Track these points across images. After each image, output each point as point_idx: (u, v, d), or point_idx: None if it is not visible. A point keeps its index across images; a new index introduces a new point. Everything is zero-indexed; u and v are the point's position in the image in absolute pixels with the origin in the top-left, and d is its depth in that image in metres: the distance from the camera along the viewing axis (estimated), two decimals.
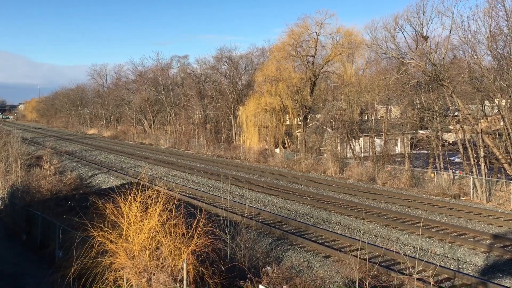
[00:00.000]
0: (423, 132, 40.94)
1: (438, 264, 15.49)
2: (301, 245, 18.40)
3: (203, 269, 11.50)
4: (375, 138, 41.91)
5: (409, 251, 17.73)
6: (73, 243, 13.67)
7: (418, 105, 37.74)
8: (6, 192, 28.35)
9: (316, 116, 49.91)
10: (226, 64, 60.33)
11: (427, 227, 20.67)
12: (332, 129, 44.20)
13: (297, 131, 50.06)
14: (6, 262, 18.79)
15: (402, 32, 35.29)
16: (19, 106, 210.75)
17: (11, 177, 29.72)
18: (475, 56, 28.72)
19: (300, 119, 49.68)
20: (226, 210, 19.90)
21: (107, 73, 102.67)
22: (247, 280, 12.64)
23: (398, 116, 42.52)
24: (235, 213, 22.70)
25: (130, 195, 12.29)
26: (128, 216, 11.98)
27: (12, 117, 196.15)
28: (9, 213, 24.67)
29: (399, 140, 44.25)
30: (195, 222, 12.12)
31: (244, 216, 20.54)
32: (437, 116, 34.46)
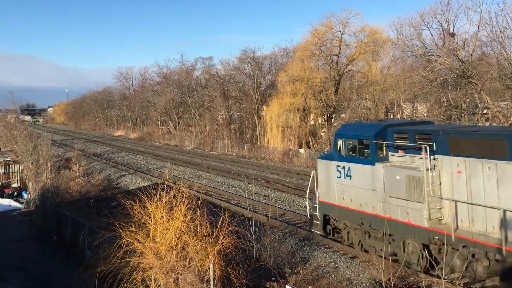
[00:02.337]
0: None
1: None
2: (327, 246, 18.29)
3: (229, 269, 11.56)
4: None
5: None
6: (101, 243, 13.93)
7: (445, 103, 37.05)
8: (37, 194, 29.06)
9: (341, 115, 49.54)
10: (250, 65, 60.46)
11: None
12: None
13: (322, 130, 49.77)
14: (37, 262, 19.27)
15: (429, 29, 34.72)
16: (48, 109, 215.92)
17: (42, 179, 30.40)
18: (504, 53, 28.06)
19: (324, 119, 49.37)
20: (251, 211, 19.91)
21: (133, 75, 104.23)
22: (273, 281, 12.64)
23: (425, 114, 41.81)
24: (260, 213, 22.72)
25: (156, 195, 12.45)
26: (155, 217, 12.14)
27: (41, 120, 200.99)
28: (40, 214, 25.27)
29: None
30: (220, 222, 12.19)
31: (269, 216, 20.54)
32: (465, 114, 33.76)
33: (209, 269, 11.20)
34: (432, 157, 13.57)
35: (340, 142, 16.82)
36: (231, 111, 62.35)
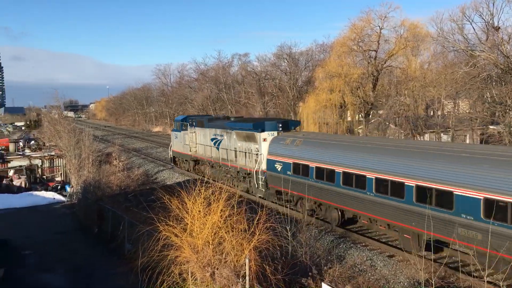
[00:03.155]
0: (494, 127, 38.77)
1: None
2: (363, 244, 18.09)
3: (265, 265, 11.60)
4: (442, 134, 40.25)
5: None
6: (140, 237, 14.26)
7: (488, 99, 35.82)
8: (79, 187, 29.99)
9: (379, 112, 48.70)
10: (286, 61, 60.24)
11: None
12: (396, 125, 42.95)
13: (359, 127, 49.10)
14: (80, 254, 19.91)
15: (471, 23, 33.73)
16: (90, 106, 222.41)
17: (84, 173, 31.32)
18: None
19: (361, 115, 48.68)
20: (287, 207, 19.88)
21: (171, 72, 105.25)
22: (309, 277, 12.60)
23: (467, 111, 40.55)
24: (296, 210, 22.65)
25: (193, 191, 12.62)
26: (192, 211, 12.32)
27: (84, 116, 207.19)
28: (82, 207, 26.06)
29: (467, 136, 42.22)
30: (257, 218, 12.25)
31: (305, 213, 20.44)
32: (510, 110, 32.54)
33: (245, 265, 11.28)
34: (195, 128, 34.60)
35: (175, 123, 40.53)
36: (267, 107, 62.36)
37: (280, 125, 26.02)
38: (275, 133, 25.53)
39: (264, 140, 25.28)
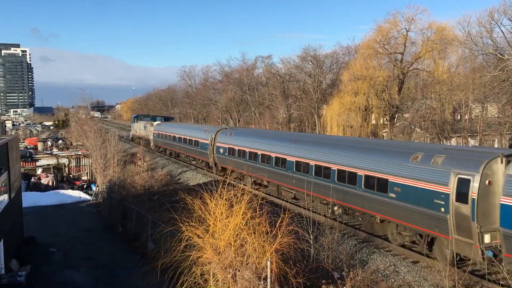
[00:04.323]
0: None
1: None
2: (387, 249, 17.86)
3: (286, 268, 11.56)
4: (469, 138, 39.42)
5: None
6: (163, 237, 14.40)
7: None
8: (104, 187, 30.47)
9: (404, 115, 48.01)
10: (311, 63, 59.99)
11: None
12: (421, 129, 42.25)
13: (383, 131, 48.50)
14: (103, 252, 20.22)
15: (499, 27, 32.97)
16: (116, 106, 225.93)
17: (109, 172, 31.79)
18: None
19: (386, 119, 48.06)
20: (309, 210, 19.78)
21: (196, 74, 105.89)
22: (331, 282, 12.50)
23: (496, 115, 39.62)
24: (318, 213, 22.53)
25: (216, 192, 12.68)
26: (215, 213, 12.38)
27: (110, 116, 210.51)
28: (107, 206, 26.46)
29: (496, 141, 41.24)
30: (279, 221, 12.22)
31: (328, 217, 20.32)
32: None
33: (267, 267, 11.26)
34: (140, 121, 68.02)
35: (132, 119, 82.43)
36: (290, 109, 62.20)
37: (163, 118, 63.73)
38: (160, 122, 58.43)
39: (157, 125, 55.91)
